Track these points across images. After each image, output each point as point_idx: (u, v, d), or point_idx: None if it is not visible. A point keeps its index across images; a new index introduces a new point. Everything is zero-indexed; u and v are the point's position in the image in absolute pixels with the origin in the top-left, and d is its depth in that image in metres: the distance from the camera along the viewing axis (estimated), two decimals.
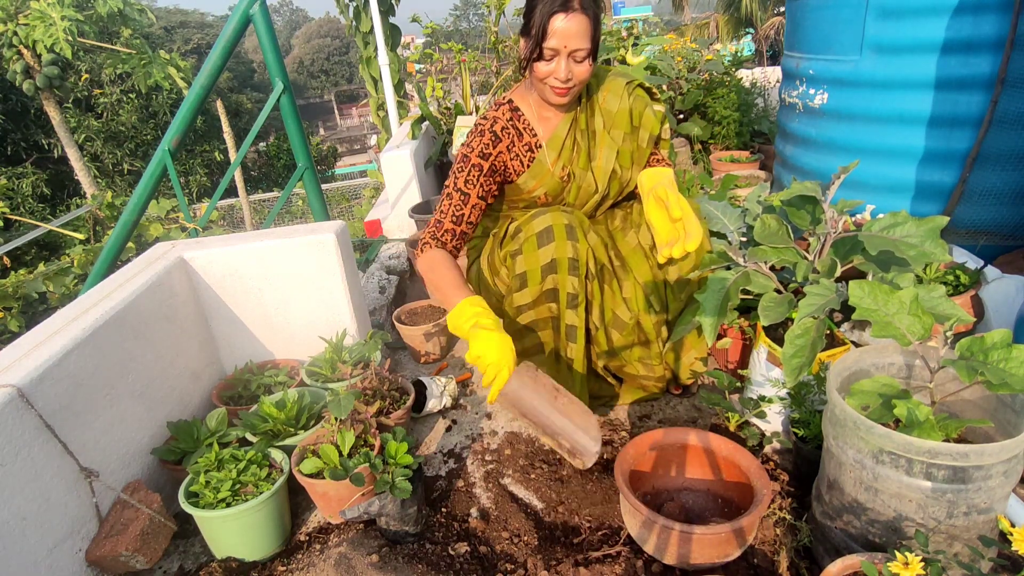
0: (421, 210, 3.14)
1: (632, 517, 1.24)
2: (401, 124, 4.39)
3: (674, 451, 1.40)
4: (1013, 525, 0.98)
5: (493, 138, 1.59)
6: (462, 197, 1.57)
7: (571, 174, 1.65)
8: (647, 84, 1.67)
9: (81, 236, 5.56)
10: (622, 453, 1.33)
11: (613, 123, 1.64)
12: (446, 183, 1.61)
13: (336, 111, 35.42)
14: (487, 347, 1.27)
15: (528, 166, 1.63)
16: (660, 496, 1.41)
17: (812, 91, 2.56)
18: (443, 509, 1.48)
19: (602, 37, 1.52)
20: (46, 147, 12.89)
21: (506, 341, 1.29)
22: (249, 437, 1.57)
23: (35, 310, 3.64)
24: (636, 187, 1.72)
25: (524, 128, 1.63)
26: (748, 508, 1.19)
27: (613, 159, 1.64)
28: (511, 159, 1.62)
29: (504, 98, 1.66)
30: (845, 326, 1.71)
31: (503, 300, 1.65)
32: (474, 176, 1.57)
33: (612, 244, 1.66)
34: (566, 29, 1.40)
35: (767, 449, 1.54)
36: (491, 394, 1.30)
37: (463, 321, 1.33)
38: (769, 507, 1.35)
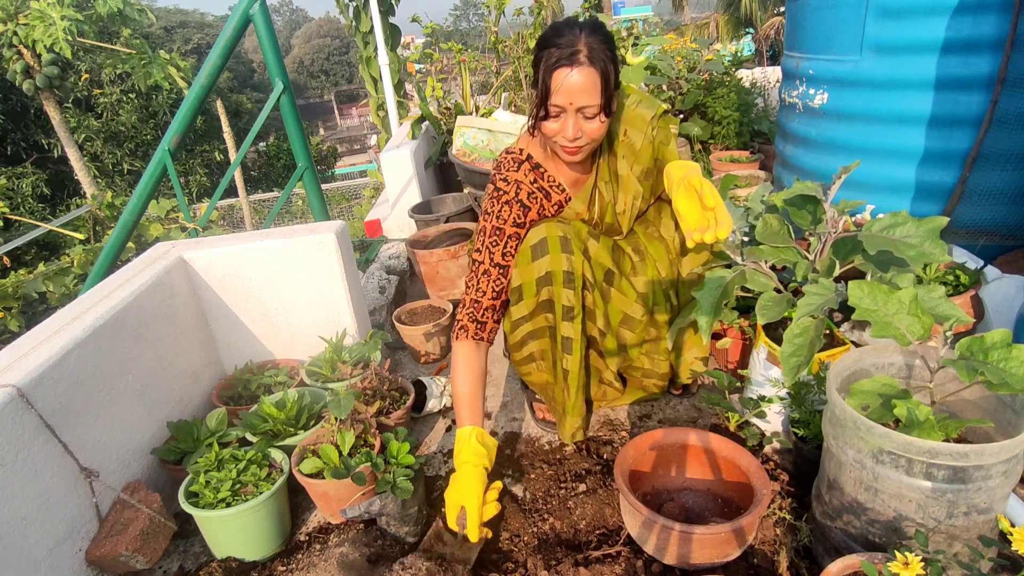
0: (421, 210, 3.14)
1: (632, 517, 1.24)
2: (401, 124, 4.39)
3: (674, 451, 1.40)
4: (1013, 525, 0.98)
5: (522, 208, 1.51)
6: (500, 272, 1.49)
7: (596, 222, 1.60)
8: (667, 107, 1.58)
9: (81, 236, 5.56)
10: (622, 453, 1.33)
11: (637, 159, 1.55)
12: (475, 256, 1.52)
13: (336, 111, 35.40)
14: (450, 494, 1.32)
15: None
16: (660, 496, 1.41)
17: (812, 91, 2.56)
18: (443, 509, 1.48)
19: (618, 67, 1.42)
20: (46, 147, 12.89)
21: (468, 493, 1.30)
22: (249, 437, 1.57)
23: (35, 310, 3.64)
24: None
25: (551, 187, 1.54)
26: (748, 508, 1.19)
27: (638, 203, 1.58)
28: (542, 220, 1.56)
29: (521, 152, 1.54)
30: (845, 326, 1.71)
31: None
32: (512, 247, 1.50)
33: (632, 238, 1.63)
34: (572, 85, 1.29)
35: (767, 449, 1.54)
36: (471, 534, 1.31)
37: (456, 453, 1.37)
38: (769, 507, 1.35)
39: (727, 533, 1.14)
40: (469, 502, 1.28)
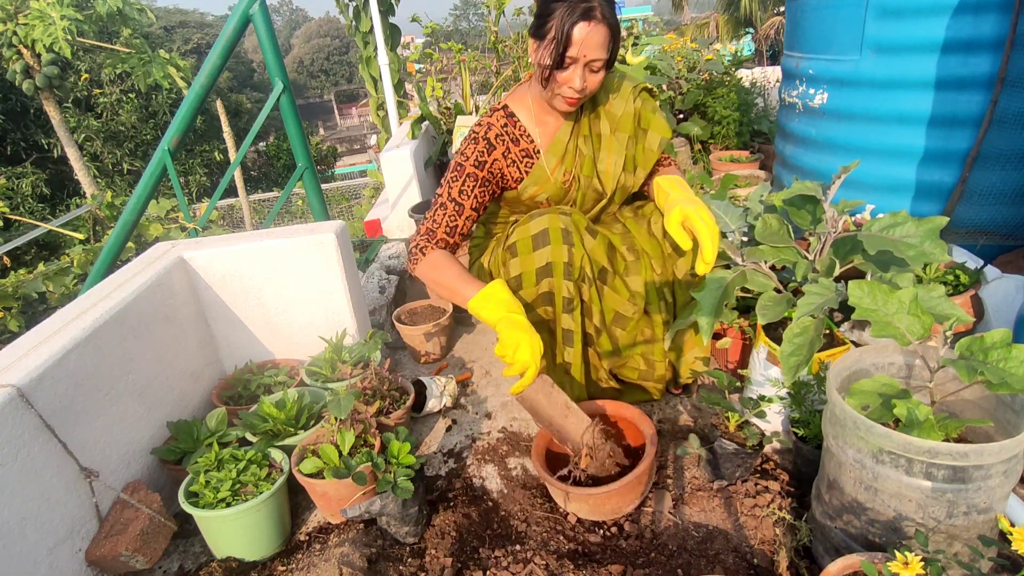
0: (421, 210, 3.14)
1: (551, 489, 1.43)
2: (401, 124, 4.39)
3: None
4: (1013, 525, 0.98)
5: (487, 146, 1.57)
6: (456, 208, 1.56)
7: (576, 179, 1.64)
8: (651, 86, 1.67)
9: (81, 236, 5.56)
10: (535, 445, 1.46)
11: (618, 126, 1.62)
12: (438, 191, 1.59)
13: (336, 111, 35.38)
14: (520, 345, 1.29)
15: (527, 172, 1.62)
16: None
17: (812, 91, 2.56)
18: (442, 509, 1.48)
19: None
20: (46, 147, 12.89)
21: (536, 341, 1.31)
22: (249, 437, 1.57)
23: (35, 310, 3.64)
24: (643, 188, 1.71)
25: (520, 134, 1.60)
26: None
27: (621, 164, 1.62)
28: (507, 165, 1.60)
29: (499, 103, 1.63)
30: (845, 326, 1.71)
31: None
32: (469, 186, 1.56)
33: (627, 236, 1.65)
34: (587, 39, 1.38)
35: (767, 449, 1.54)
36: (515, 387, 1.33)
37: (492, 307, 1.35)
38: (768, 506, 1.36)
39: (619, 488, 1.31)
40: (530, 367, 1.30)
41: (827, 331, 1.52)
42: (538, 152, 1.61)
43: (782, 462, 1.50)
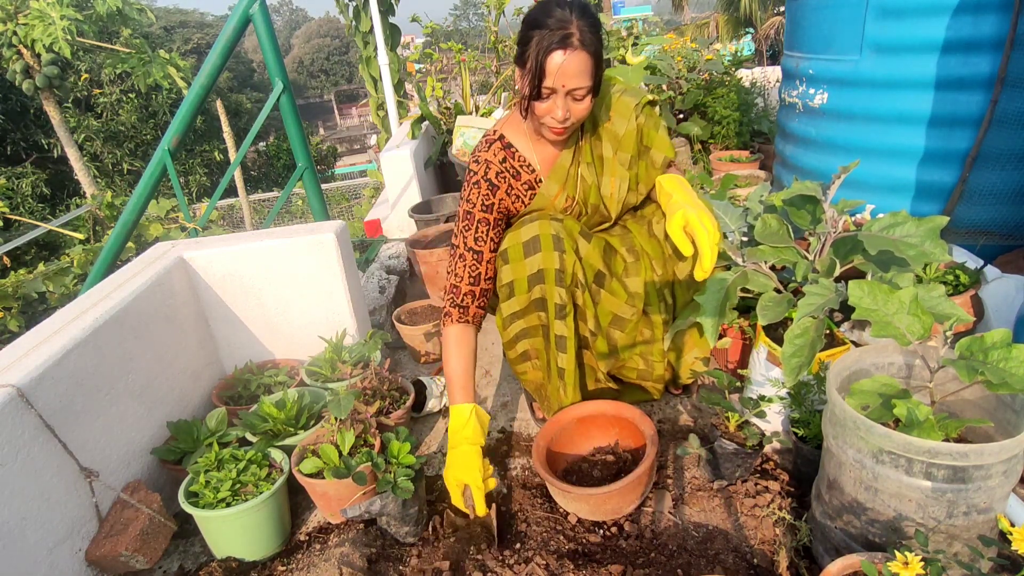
0: (421, 210, 3.14)
1: (552, 490, 1.43)
2: (401, 124, 4.39)
3: (585, 424, 1.57)
4: (1013, 525, 0.98)
5: (490, 187, 1.53)
6: (475, 256, 1.50)
7: (581, 205, 1.61)
8: (653, 97, 1.62)
9: (81, 236, 5.57)
10: (535, 445, 1.47)
11: (620, 145, 1.57)
12: (452, 242, 1.54)
13: (336, 111, 35.36)
14: (447, 477, 1.37)
15: (528, 203, 1.59)
16: (580, 464, 1.54)
17: (812, 91, 2.56)
18: (443, 509, 1.48)
19: (604, 49, 1.43)
20: (46, 147, 12.90)
21: (470, 470, 1.35)
22: (249, 437, 1.57)
23: (35, 310, 3.65)
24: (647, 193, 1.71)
25: (521, 166, 1.56)
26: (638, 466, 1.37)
27: (625, 187, 1.59)
28: (512, 202, 1.58)
29: (494, 132, 1.57)
30: (845, 326, 1.71)
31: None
32: (483, 231, 1.51)
33: (626, 237, 1.64)
34: (565, 68, 1.30)
35: (767, 449, 1.54)
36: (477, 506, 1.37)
37: (452, 432, 1.41)
38: (768, 506, 1.36)
39: (620, 488, 1.32)
40: (472, 479, 1.33)
41: (827, 331, 1.52)
42: (540, 182, 1.59)
43: (782, 462, 1.50)
